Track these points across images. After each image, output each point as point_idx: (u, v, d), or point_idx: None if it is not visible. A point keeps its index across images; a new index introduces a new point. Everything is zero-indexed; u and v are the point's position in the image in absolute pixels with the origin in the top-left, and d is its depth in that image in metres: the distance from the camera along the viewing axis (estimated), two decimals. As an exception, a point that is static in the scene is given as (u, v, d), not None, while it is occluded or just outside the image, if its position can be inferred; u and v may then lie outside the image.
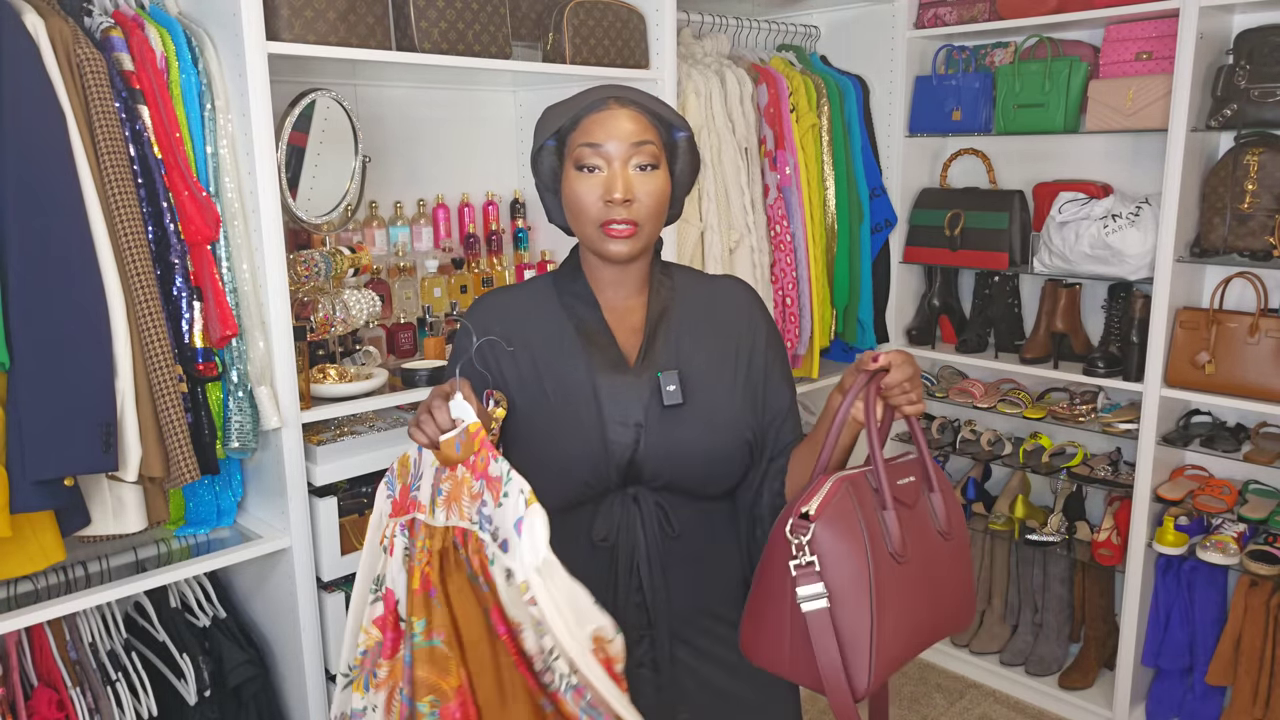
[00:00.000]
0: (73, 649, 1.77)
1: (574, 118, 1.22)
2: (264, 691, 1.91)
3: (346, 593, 1.89)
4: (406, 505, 1.15)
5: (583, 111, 1.22)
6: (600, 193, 1.20)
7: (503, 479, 1.04)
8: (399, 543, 1.13)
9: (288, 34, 1.68)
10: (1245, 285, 2.43)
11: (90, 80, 1.50)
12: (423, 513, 1.12)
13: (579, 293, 1.31)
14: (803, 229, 2.64)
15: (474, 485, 1.07)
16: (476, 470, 1.07)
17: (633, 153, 1.20)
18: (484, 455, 1.07)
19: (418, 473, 1.15)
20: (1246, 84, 2.28)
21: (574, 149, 1.22)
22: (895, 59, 2.91)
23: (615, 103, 1.22)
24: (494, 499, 1.04)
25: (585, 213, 1.22)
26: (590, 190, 1.21)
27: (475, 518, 1.07)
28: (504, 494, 1.03)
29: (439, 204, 2.39)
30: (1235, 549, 2.39)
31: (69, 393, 1.44)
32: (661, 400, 1.24)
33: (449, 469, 1.10)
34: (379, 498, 1.19)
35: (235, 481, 1.87)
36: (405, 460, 1.16)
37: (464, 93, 2.47)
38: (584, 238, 1.26)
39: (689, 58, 2.50)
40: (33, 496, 1.42)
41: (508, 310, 1.32)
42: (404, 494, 1.15)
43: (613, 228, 1.20)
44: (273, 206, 1.69)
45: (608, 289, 1.31)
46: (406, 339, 2.19)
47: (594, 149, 1.20)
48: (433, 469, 1.12)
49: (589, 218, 1.22)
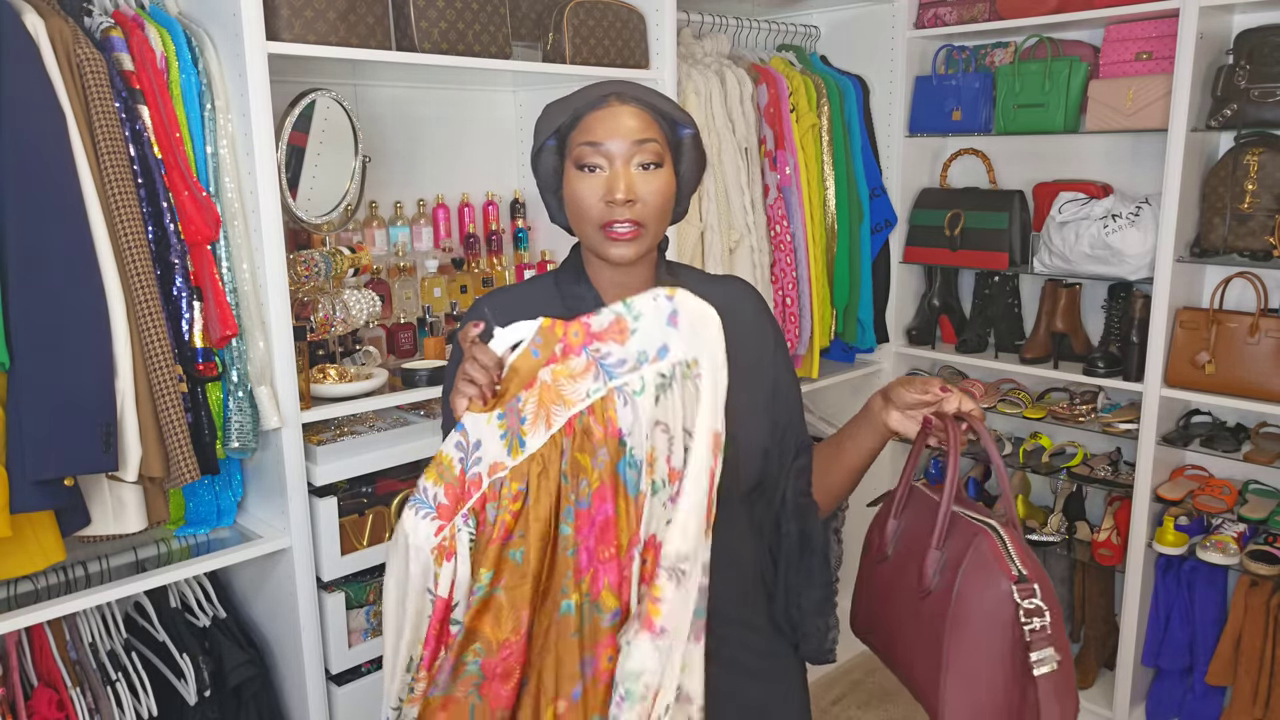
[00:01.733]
0: (73, 649, 1.77)
1: (574, 115, 1.19)
2: (264, 691, 1.91)
3: (347, 593, 1.89)
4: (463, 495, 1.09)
5: (583, 109, 1.18)
6: (601, 193, 1.17)
7: (624, 315, 1.02)
8: (463, 538, 1.09)
9: (288, 34, 1.68)
10: (1245, 285, 2.43)
11: (90, 80, 1.50)
12: (501, 471, 1.08)
13: (583, 295, 1.28)
14: (803, 229, 2.64)
15: (574, 365, 1.05)
16: (573, 348, 1.05)
17: (635, 151, 1.16)
18: (574, 329, 1.05)
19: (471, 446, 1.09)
20: (1246, 84, 2.28)
21: (574, 148, 1.18)
22: (895, 59, 2.91)
23: (616, 99, 1.18)
24: (619, 339, 1.03)
25: (586, 214, 1.19)
26: (591, 190, 1.17)
27: (595, 384, 1.04)
28: (634, 318, 1.02)
29: (439, 204, 2.39)
30: (1235, 549, 2.39)
31: (69, 393, 1.44)
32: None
33: (524, 391, 1.06)
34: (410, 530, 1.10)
35: (235, 481, 1.87)
36: (440, 460, 1.10)
37: (464, 93, 2.47)
38: (586, 239, 1.22)
39: (689, 58, 2.50)
40: (33, 496, 1.42)
41: (512, 310, 1.27)
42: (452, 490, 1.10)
43: (615, 229, 1.17)
44: (273, 206, 1.69)
45: (612, 291, 1.27)
46: (406, 339, 2.19)
47: (594, 148, 1.17)
48: (494, 422, 1.08)
49: (590, 219, 1.18)
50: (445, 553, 1.09)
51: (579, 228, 1.22)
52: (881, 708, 2.90)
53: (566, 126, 1.20)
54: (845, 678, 3.04)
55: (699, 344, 0.99)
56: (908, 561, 1.15)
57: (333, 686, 1.90)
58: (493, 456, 1.08)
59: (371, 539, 1.91)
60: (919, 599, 1.08)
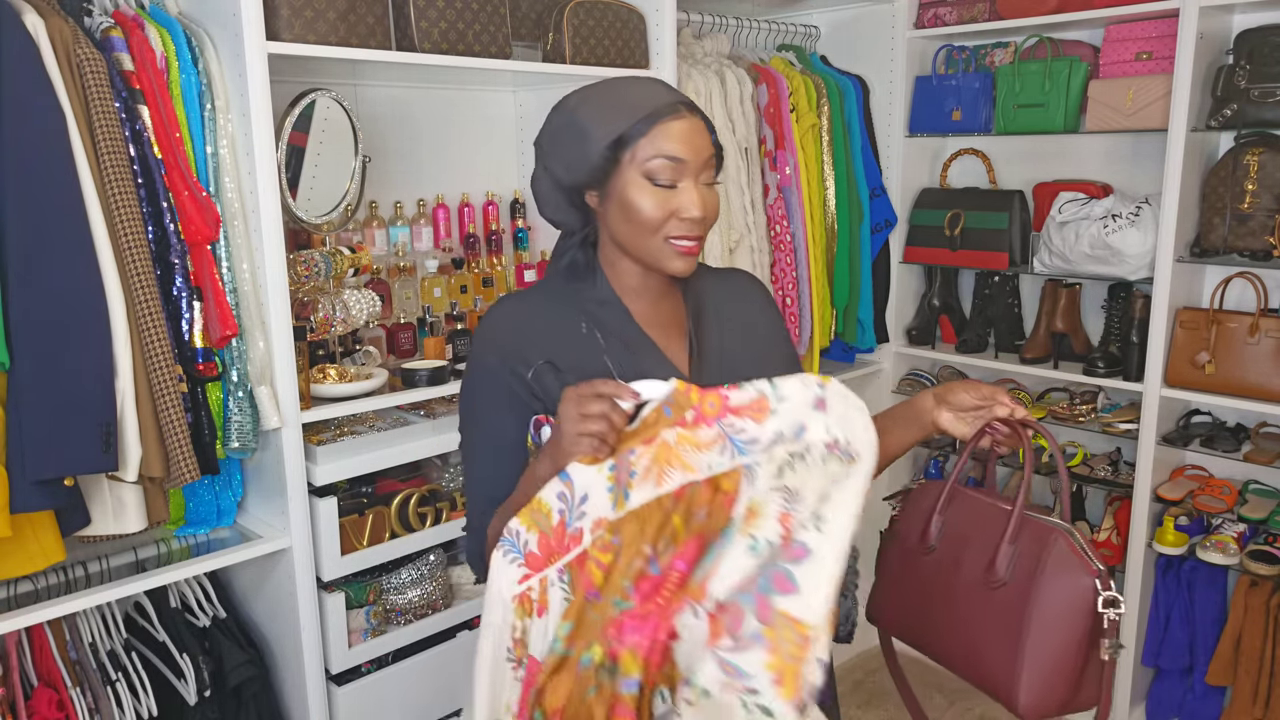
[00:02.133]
0: (73, 649, 1.77)
1: (645, 123, 1.14)
2: (264, 691, 1.91)
3: (347, 593, 1.89)
4: (558, 549, 1.05)
5: (654, 117, 1.14)
6: (673, 208, 1.14)
7: (767, 395, 1.02)
8: (555, 594, 1.04)
9: (288, 34, 1.68)
10: (1245, 285, 2.43)
11: (90, 80, 1.50)
12: (601, 528, 1.04)
13: (604, 299, 1.23)
14: (803, 229, 2.64)
15: (703, 435, 1.03)
16: (707, 418, 1.03)
17: (704, 167, 1.16)
18: (711, 400, 1.03)
19: (576, 499, 1.05)
20: (1246, 84, 2.28)
21: (646, 159, 1.14)
22: (895, 59, 2.91)
23: (686, 110, 1.15)
24: (757, 418, 1.02)
25: (650, 226, 1.15)
26: (661, 204, 1.14)
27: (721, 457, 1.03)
28: (778, 399, 1.01)
29: (439, 204, 2.39)
30: (1235, 549, 2.39)
31: (69, 393, 1.44)
32: None
33: (641, 446, 1.04)
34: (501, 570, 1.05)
35: (235, 481, 1.87)
36: (537, 506, 1.06)
37: (464, 93, 2.47)
38: (639, 249, 1.18)
39: (689, 58, 2.50)
40: (33, 496, 1.42)
41: (528, 323, 1.23)
42: (545, 540, 1.05)
43: (682, 244, 1.16)
44: (273, 206, 1.69)
45: (633, 294, 1.24)
46: (406, 339, 2.19)
47: (675, 164, 1.14)
48: (604, 472, 1.04)
49: (655, 231, 1.15)
50: (534, 607, 1.04)
51: (635, 238, 1.18)
52: (881, 708, 2.90)
53: (633, 134, 1.14)
54: (848, 677, 3.04)
55: (849, 430, 1.00)
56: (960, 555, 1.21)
57: (333, 686, 1.90)
58: (598, 511, 1.05)
59: (371, 539, 1.91)
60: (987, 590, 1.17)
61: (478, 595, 2.09)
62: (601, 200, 1.19)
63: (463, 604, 2.07)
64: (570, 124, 1.17)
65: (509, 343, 1.20)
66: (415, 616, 2.00)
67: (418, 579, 2.00)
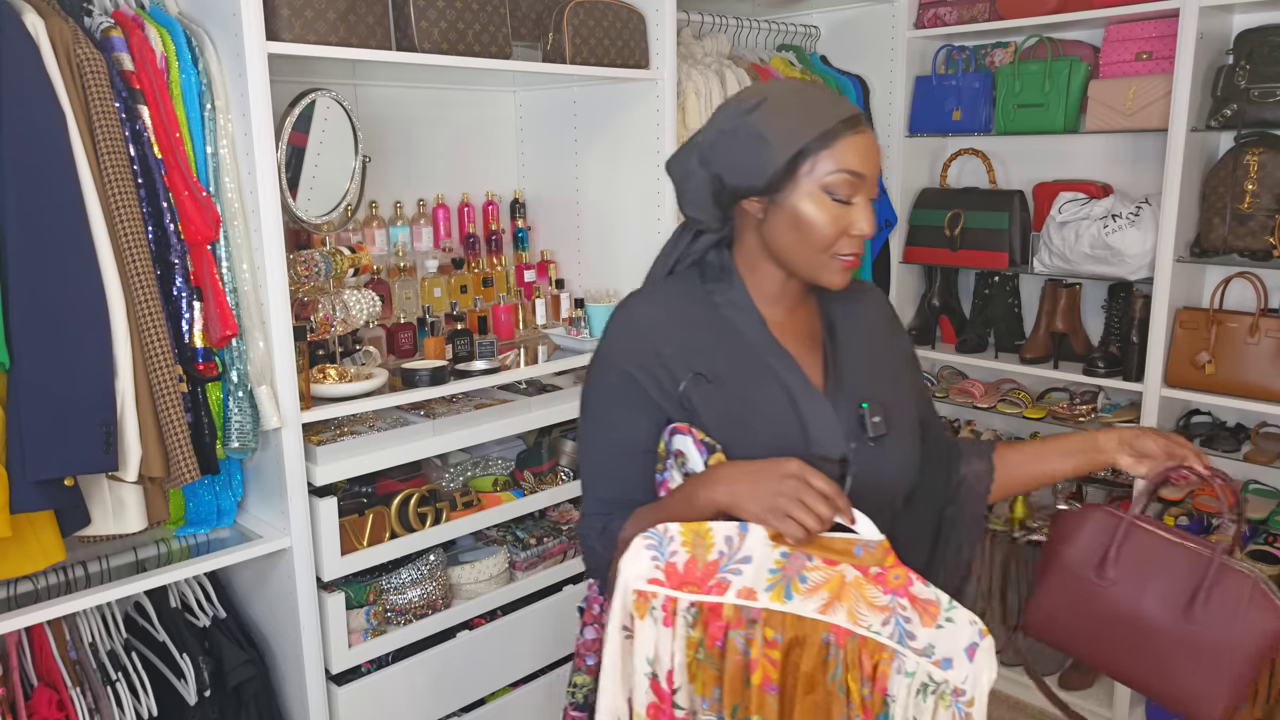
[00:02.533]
0: (73, 649, 1.77)
1: (828, 136, 1.11)
2: (264, 691, 1.91)
3: (347, 593, 1.89)
4: (697, 582, 1.06)
5: (840, 131, 1.11)
6: (845, 224, 1.13)
7: (940, 604, 1.06)
8: (680, 622, 1.06)
9: (288, 34, 1.68)
10: (1245, 285, 2.43)
11: (90, 80, 1.50)
12: (751, 600, 1.06)
13: (740, 304, 1.21)
14: (803, 229, 2.64)
15: (876, 595, 1.06)
16: (886, 584, 1.06)
17: (873, 184, 1.15)
18: (898, 572, 1.06)
19: (739, 554, 1.06)
20: (1246, 84, 2.28)
21: (827, 173, 1.11)
22: (895, 59, 2.91)
23: (864, 125, 1.14)
24: (924, 619, 1.06)
25: (821, 240, 1.14)
26: (834, 219, 1.12)
27: (884, 629, 1.06)
28: (946, 618, 1.05)
29: (439, 204, 2.39)
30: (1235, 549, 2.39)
31: (69, 393, 1.44)
32: (864, 432, 1.18)
33: (820, 559, 1.06)
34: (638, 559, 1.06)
35: (235, 481, 1.87)
36: (703, 532, 1.06)
37: (464, 93, 2.47)
38: (802, 261, 1.16)
39: (689, 58, 2.50)
40: (33, 496, 1.42)
41: (662, 325, 1.20)
42: (692, 566, 1.06)
43: (846, 259, 1.15)
44: (273, 206, 1.69)
45: (769, 301, 1.22)
46: (406, 339, 2.19)
47: (854, 179, 1.12)
48: (776, 552, 1.06)
49: (823, 246, 1.14)
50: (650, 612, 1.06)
51: (798, 248, 1.16)
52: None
53: (816, 146, 1.12)
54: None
55: (977, 686, 1.05)
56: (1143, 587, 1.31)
57: (333, 686, 1.90)
58: (749, 581, 1.06)
59: (371, 539, 1.91)
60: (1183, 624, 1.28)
61: (477, 595, 2.09)
62: (766, 208, 1.16)
63: (462, 604, 2.07)
64: (747, 129, 1.13)
65: (642, 345, 1.18)
66: (415, 616, 2.00)
67: (418, 579, 2.00)
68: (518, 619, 2.18)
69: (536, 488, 2.21)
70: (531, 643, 2.22)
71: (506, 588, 2.15)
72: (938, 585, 1.08)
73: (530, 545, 2.20)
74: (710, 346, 1.19)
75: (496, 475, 2.26)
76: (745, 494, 1.06)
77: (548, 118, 2.54)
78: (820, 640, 1.06)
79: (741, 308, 1.21)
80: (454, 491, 2.10)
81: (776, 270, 1.21)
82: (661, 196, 2.33)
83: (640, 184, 2.36)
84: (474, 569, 2.09)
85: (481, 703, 2.17)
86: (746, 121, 1.14)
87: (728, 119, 1.16)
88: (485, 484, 2.21)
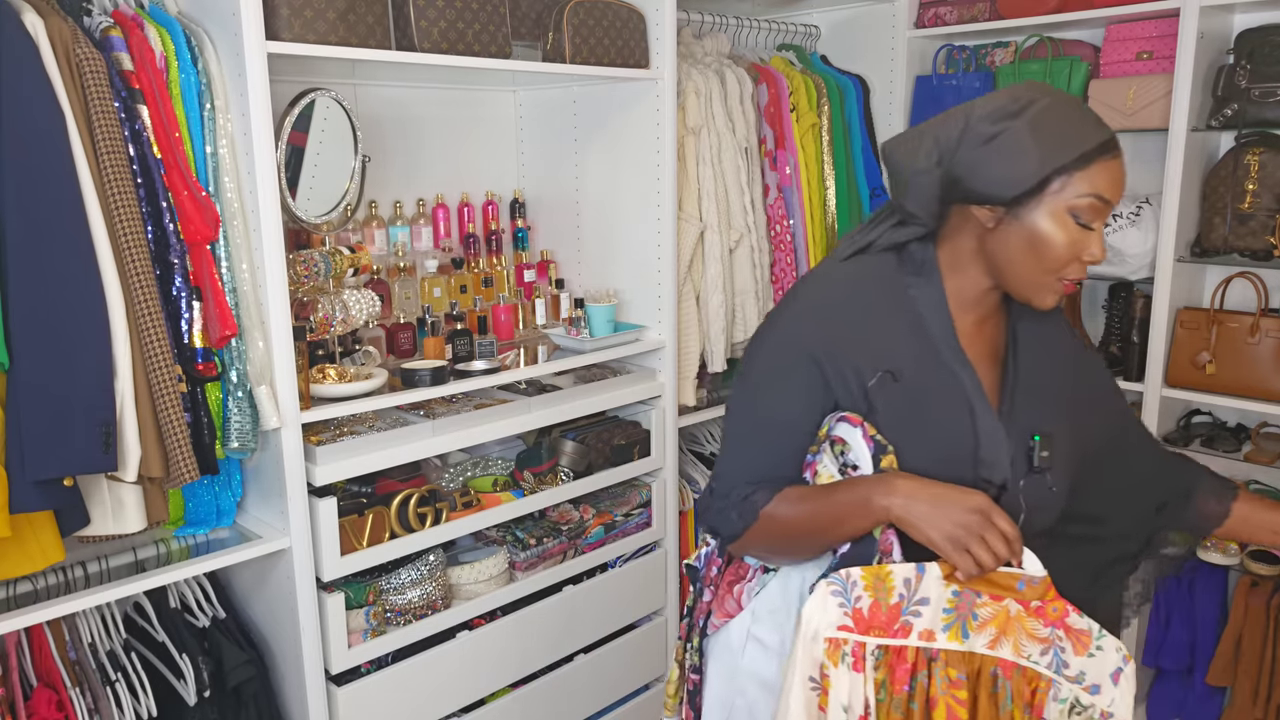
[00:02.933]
0: (72, 649, 1.77)
1: (1088, 158, 1.07)
2: (264, 691, 1.91)
3: (346, 593, 1.88)
4: (883, 625, 1.07)
5: (1100, 154, 1.08)
6: (1080, 249, 1.09)
7: (1092, 634, 1.09)
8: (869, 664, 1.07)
9: (287, 34, 1.68)
10: (1246, 285, 2.43)
11: (90, 80, 1.50)
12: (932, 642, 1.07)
13: (934, 302, 1.16)
14: (803, 228, 2.64)
15: (1037, 628, 1.08)
16: (1046, 616, 1.08)
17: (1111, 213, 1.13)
18: (1057, 605, 1.08)
19: (917, 596, 1.07)
20: (1247, 84, 2.27)
21: (1078, 195, 1.07)
22: (895, 59, 2.91)
23: (1119, 149, 1.09)
24: (1077, 648, 1.09)
25: (1054, 260, 1.10)
26: (1072, 243, 1.08)
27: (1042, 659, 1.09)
28: (1096, 647, 1.08)
29: (438, 204, 2.39)
30: (1235, 549, 2.39)
31: (68, 393, 1.44)
32: (1029, 461, 1.16)
33: (988, 595, 1.07)
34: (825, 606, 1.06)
35: (235, 482, 1.87)
36: (883, 575, 1.06)
37: (464, 92, 2.47)
38: (1022, 278, 1.12)
39: (689, 57, 2.50)
40: (32, 496, 1.42)
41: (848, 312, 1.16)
42: (876, 610, 1.07)
43: (1068, 284, 1.12)
44: (272, 206, 1.69)
45: (963, 307, 1.18)
46: (406, 339, 2.19)
47: (1103, 206, 1.08)
48: (948, 591, 1.07)
49: (1054, 268, 1.10)
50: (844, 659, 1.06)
51: (1023, 264, 1.12)
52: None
53: (1072, 165, 1.07)
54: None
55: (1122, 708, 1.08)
56: None
57: (332, 687, 1.89)
58: (928, 623, 1.08)
59: (371, 539, 1.91)
60: None
61: (477, 595, 2.09)
62: (1000, 219, 1.12)
63: (462, 604, 2.07)
64: (1006, 136, 1.09)
65: (829, 330, 1.15)
66: (415, 617, 2.00)
67: (417, 579, 1.99)
68: (518, 619, 2.18)
69: (536, 488, 2.21)
70: (531, 643, 2.22)
71: (506, 588, 2.15)
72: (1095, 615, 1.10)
73: (530, 545, 2.20)
74: (898, 341, 1.15)
75: (496, 475, 2.26)
76: (924, 515, 1.05)
77: (548, 117, 2.54)
78: (989, 673, 1.09)
79: (935, 308, 1.17)
80: (454, 492, 2.10)
81: (983, 278, 1.16)
82: (661, 196, 2.33)
83: (640, 184, 2.36)
84: (474, 569, 2.09)
85: (481, 703, 2.17)
86: (1007, 128, 1.08)
87: (984, 120, 1.11)
88: (485, 484, 2.21)
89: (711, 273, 2.45)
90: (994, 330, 1.22)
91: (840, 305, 1.17)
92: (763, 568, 1.28)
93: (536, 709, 2.26)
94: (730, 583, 1.30)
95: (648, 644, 2.52)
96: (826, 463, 1.16)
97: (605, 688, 2.43)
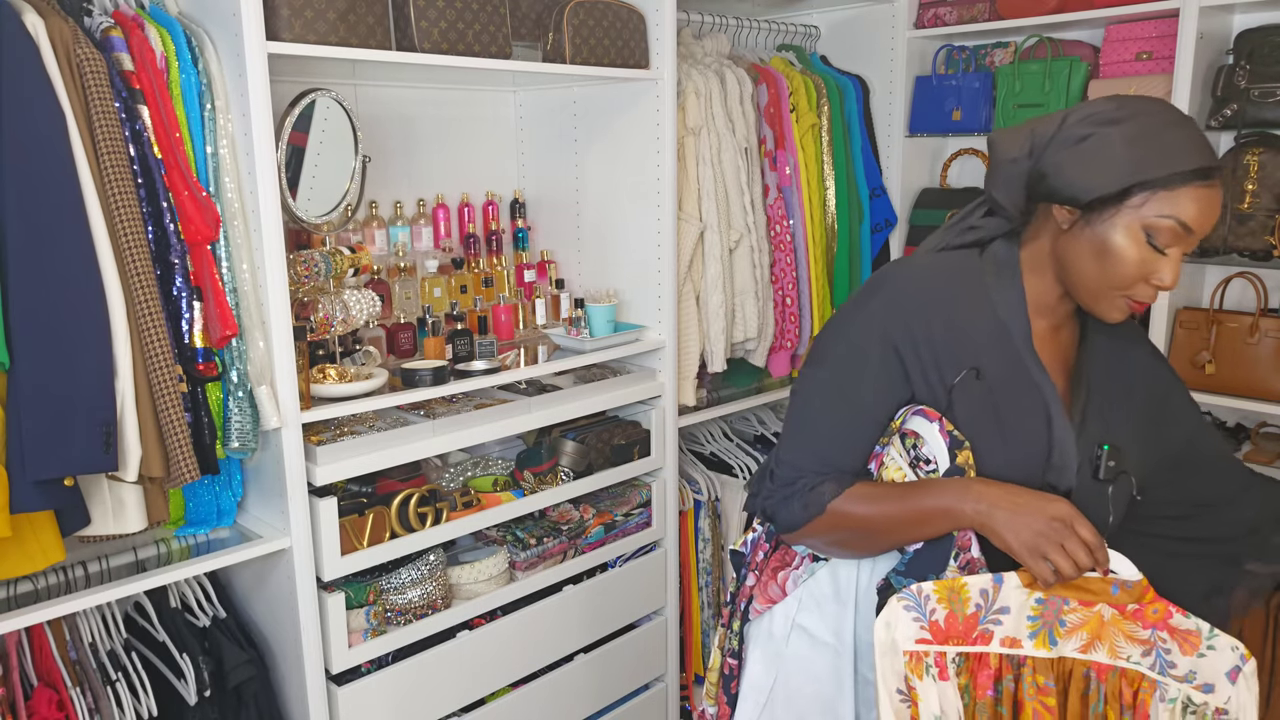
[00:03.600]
0: (73, 649, 1.77)
1: (1179, 178, 1.04)
2: (264, 691, 1.91)
3: (347, 593, 1.89)
4: (961, 635, 1.08)
5: (1192, 178, 1.04)
6: (1149, 271, 1.06)
7: (1202, 634, 1.07)
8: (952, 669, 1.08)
9: (288, 34, 1.68)
10: (1245, 285, 2.43)
11: (90, 80, 1.50)
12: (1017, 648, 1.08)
13: (1013, 304, 1.16)
14: (803, 229, 2.64)
15: (1136, 630, 1.08)
16: (1145, 619, 1.08)
17: (1196, 242, 1.08)
18: (1157, 607, 1.08)
19: (995, 604, 1.07)
20: (1247, 84, 2.28)
21: (1158, 214, 1.04)
22: (895, 59, 2.91)
23: (1218, 179, 1.06)
24: (1184, 648, 1.08)
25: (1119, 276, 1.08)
26: (1142, 263, 1.06)
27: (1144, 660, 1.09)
28: (1208, 646, 1.07)
29: (439, 204, 2.39)
30: (1235, 549, 2.39)
31: (69, 392, 1.44)
32: (1094, 471, 1.15)
33: (1076, 601, 1.08)
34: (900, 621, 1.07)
35: (235, 481, 1.87)
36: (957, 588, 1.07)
37: (464, 92, 2.47)
38: (1087, 288, 1.11)
39: (689, 58, 2.50)
40: (32, 496, 1.42)
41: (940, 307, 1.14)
42: (952, 620, 1.08)
43: (1135, 304, 1.10)
44: (273, 206, 1.69)
45: (1040, 310, 1.18)
46: (406, 339, 2.19)
47: (1183, 233, 1.04)
48: (1031, 599, 1.08)
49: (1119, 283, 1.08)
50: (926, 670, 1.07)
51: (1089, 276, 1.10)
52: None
53: (1161, 182, 1.04)
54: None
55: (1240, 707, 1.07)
56: None
57: (333, 687, 1.90)
58: (1010, 630, 1.08)
59: (372, 539, 1.91)
60: None
61: (477, 595, 2.09)
62: (1076, 223, 1.10)
63: (462, 604, 2.07)
64: (1099, 140, 1.07)
65: (915, 322, 1.14)
66: (415, 617, 2.00)
67: (418, 579, 2.00)
68: (518, 619, 2.18)
69: (536, 488, 2.21)
70: (531, 643, 2.22)
71: (506, 588, 2.15)
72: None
73: (530, 545, 2.20)
74: (982, 341, 1.15)
75: (496, 475, 2.27)
76: (1003, 522, 1.04)
77: (548, 118, 2.54)
78: (1081, 674, 1.09)
79: (1014, 310, 1.16)
80: (454, 491, 2.10)
81: (1056, 284, 1.16)
82: (661, 196, 2.33)
83: (640, 184, 2.36)
84: (474, 569, 2.09)
85: (481, 703, 2.17)
86: (1102, 133, 1.07)
87: (1081, 123, 1.09)
88: (485, 484, 2.22)
89: (711, 273, 2.45)
90: (1069, 338, 1.22)
91: (929, 299, 1.16)
92: (811, 556, 1.26)
93: (537, 709, 2.26)
94: (775, 569, 1.29)
95: (648, 644, 2.53)
96: (895, 455, 1.16)
97: (605, 688, 2.43)
